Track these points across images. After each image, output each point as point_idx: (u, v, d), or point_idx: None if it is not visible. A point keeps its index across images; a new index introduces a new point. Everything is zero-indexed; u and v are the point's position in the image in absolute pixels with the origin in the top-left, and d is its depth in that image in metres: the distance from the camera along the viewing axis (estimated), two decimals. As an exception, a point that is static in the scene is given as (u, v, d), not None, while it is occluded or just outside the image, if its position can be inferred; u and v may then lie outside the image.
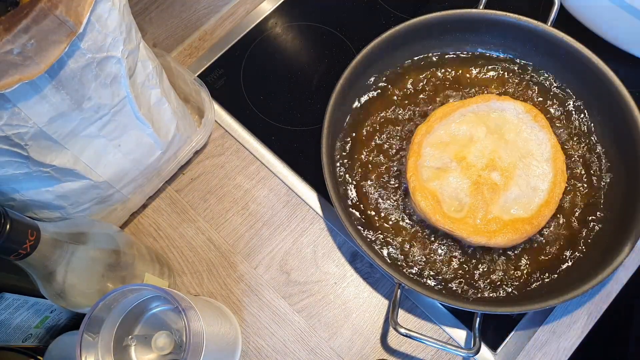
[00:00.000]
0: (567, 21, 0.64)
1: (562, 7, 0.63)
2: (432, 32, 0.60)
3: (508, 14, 0.58)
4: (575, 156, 0.58)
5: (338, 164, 0.58)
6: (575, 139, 0.58)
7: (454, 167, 0.55)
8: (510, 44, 0.61)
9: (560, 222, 0.55)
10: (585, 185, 0.56)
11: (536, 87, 0.61)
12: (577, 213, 0.55)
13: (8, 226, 0.33)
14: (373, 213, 0.56)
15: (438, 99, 0.61)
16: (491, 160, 0.55)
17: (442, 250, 0.55)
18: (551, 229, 0.55)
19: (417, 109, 0.61)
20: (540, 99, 0.60)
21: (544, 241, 0.54)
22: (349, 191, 0.57)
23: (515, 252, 0.54)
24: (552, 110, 0.60)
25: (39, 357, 0.49)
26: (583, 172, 0.57)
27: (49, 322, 0.53)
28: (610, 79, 0.55)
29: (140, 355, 0.41)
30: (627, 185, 0.53)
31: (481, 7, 0.61)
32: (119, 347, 0.40)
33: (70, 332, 0.51)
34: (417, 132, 0.57)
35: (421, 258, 0.54)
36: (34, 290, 0.48)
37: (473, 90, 0.61)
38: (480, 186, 0.54)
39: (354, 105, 0.61)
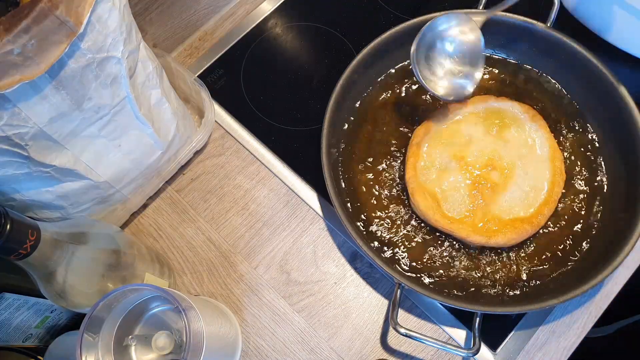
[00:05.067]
0: (567, 21, 0.64)
1: (562, 7, 0.63)
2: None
3: (508, 14, 0.58)
4: (574, 156, 0.58)
5: (338, 164, 0.58)
6: (574, 139, 0.58)
7: (453, 167, 0.55)
8: (509, 44, 0.61)
9: (560, 221, 0.55)
10: (585, 185, 0.56)
11: (535, 88, 0.61)
12: (576, 212, 0.55)
13: (8, 226, 0.33)
14: (373, 213, 0.56)
15: (438, 99, 0.61)
16: (490, 160, 0.55)
17: (442, 250, 0.55)
18: (551, 228, 0.55)
19: (417, 109, 0.61)
20: (539, 99, 0.60)
21: (543, 240, 0.54)
22: (349, 191, 0.57)
23: (515, 251, 0.54)
24: (550, 111, 0.60)
25: (39, 357, 0.49)
26: (582, 171, 0.57)
27: (49, 322, 0.53)
28: (610, 80, 0.55)
29: (141, 355, 0.41)
30: (626, 185, 0.53)
31: (481, 7, 0.61)
32: (119, 347, 0.40)
33: (71, 332, 0.51)
34: (416, 133, 0.57)
35: (421, 258, 0.54)
36: (34, 290, 0.48)
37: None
38: (479, 186, 0.54)
39: (354, 106, 0.61)
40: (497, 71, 0.62)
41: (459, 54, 0.55)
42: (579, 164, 0.57)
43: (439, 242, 0.55)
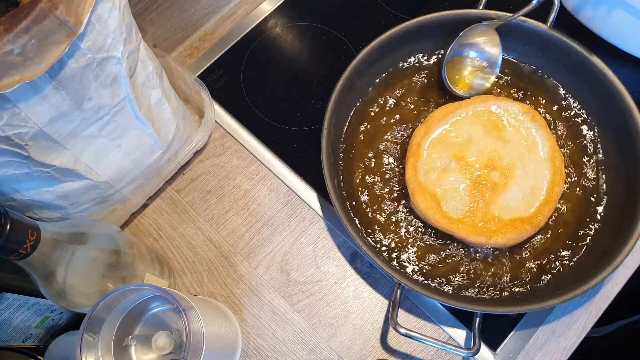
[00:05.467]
0: (567, 21, 0.64)
1: (562, 7, 0.63)
2: (432, 32, 0.60)
3: (508, 14, 0.58)
4: (575, 155, 0.58)
5: (338, 164, 0.58)
6: (574, 138, 0.58)
7: (453, 167, 0.55)
8: (509, 44, 0.61)
9: (560, 221, 0.55)
10: (585, 185, 0.56)
11: (535, 88, 0.61)
12: (576, 212, 0.55)
13: (8, 226, 0.33)
14: (373, 213, 0.56)
15: (438, 99, 0.61)
16: (490, 160, 0.55)
17: (442, 249, 0.55)
18: (551, 228, 0.55)
19: (417, 109, 0.61)
20: (539, 99, 0.60)
21: (543, 241, 0.54)
22: (349, 191, 0.57)
23: (515, 251, 0.54)
24: (551, 110, 0.60)
25: (39, 357, 0.49)
26: (582, 171, 0.57)
27: (49, 322, 0.53)
28: (610, 80, 0.55)
29: (141, 355, 0.41)
30: (626, 185, 0.53)
31: (481, 7, 0.61)
32: (119, 347, 0.40)
33: (71, 332, 0.51)
34: (416, 133, 0.57)
35: (421, 258, 0.54)
36: (34, 290, 0.48)
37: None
38: (479, 186, 0.54)
39: (354, 106, 0.61)
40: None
41: (481, 58, 0.62)
42: (578, 163, 0.57)
43: (439, 242, 0.55)
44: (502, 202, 0.54)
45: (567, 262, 0.53)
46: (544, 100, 0.60)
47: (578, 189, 0.56)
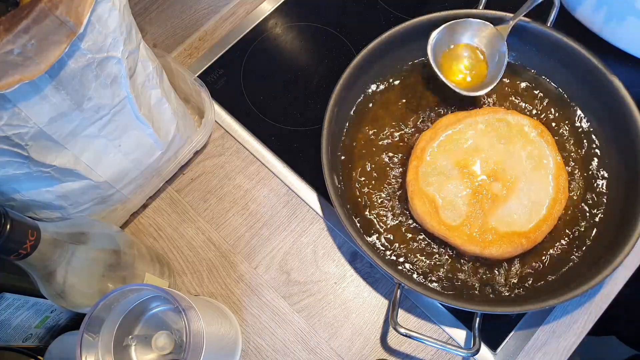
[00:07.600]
0: (567, 21, 0.64)
1: (562, 7, 0.63)
2: (432, 32, 0.60)
3: (508, 14, 0.58)
4: (575, 157, 0.58)
5: (338, 164, 0.58)
6: (574, 139, 0.58)
7: (455, 174, 0.55)
8: (509, 44, 0.61)
9: (560, 221, 0.55)
10: (585, 186, 0.56)
11: (535, 88, 0.61)
12: (576, 213, 0.55)
13: (8, 226, 0.33)
14: (373, 214, 0.56)
15: (439, 99, 0.61)
16: (494, 171, 0.54)
17: (441, 251, 0.55)
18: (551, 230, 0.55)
19: (418, 109, 0.61)
20: (538, 99, 0.60)
21: (543, 242, 0.54)
22: (349, 191, 0.57)
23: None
24: (552, 111, 0.60)
25: (39, 357, 0.49)
26: (582, 173, 0.57)
27: (49, 322, 0.53)
28: (610, 80, 0.55)
29: (141, 355, 0.41)
30: (626, 186, 0.53)
31: (481, 7, 0.61)
32: (119, 347, 0.40)
33: (71, 332, 0.51)
34: (422, 137, 0.57)
35: (421, 258, 0.54)
36: (34, 290, 0.48)
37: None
38: (480, 196, 0.54)
39: (355, 105, 0.61)
40: (497, 71, 0.62)
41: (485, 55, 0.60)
42: (579, 164, 0.57)
43: (439, 243, 0.55)
44: (501, 214, 0.53)
45: (567, 262, 0.53)
46: (543, 101, 0.60)
47: (578, 190, 0.56)
